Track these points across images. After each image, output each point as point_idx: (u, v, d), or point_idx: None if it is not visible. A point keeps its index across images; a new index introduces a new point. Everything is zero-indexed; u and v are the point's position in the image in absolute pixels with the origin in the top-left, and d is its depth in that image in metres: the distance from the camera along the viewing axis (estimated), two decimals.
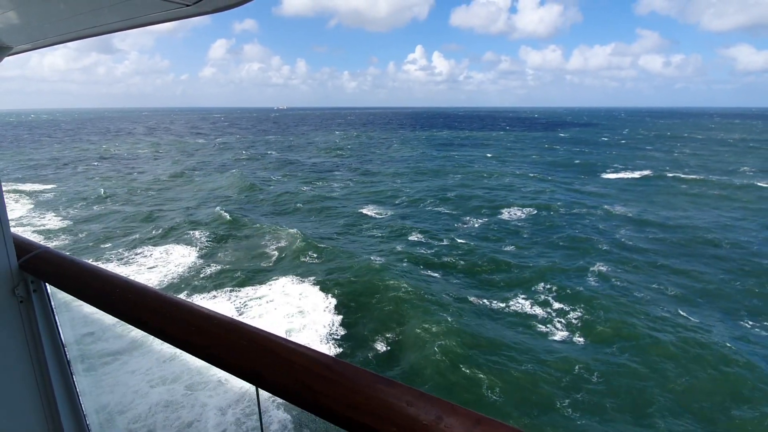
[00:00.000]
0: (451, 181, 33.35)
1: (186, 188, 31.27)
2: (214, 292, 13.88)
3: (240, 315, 12.52)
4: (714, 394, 9.07)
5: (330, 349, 10.70)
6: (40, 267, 1.46)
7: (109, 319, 1.28)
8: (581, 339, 11.22)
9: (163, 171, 38.46)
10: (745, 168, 39.43)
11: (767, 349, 10.78)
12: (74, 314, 1.68)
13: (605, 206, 24.90)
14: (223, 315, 1.08)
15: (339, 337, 11.29)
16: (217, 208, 23.81)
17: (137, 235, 19.67)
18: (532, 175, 36.25)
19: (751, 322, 12.03)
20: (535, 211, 23.66)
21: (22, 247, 1.51)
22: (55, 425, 1.59)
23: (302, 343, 0.93)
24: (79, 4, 1.01)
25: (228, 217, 21.84)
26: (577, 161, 45.00)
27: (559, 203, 25.28)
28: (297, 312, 12.59)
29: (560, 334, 11.47)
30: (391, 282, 14.09)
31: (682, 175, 34.56)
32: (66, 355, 1.59)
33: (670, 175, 35.09)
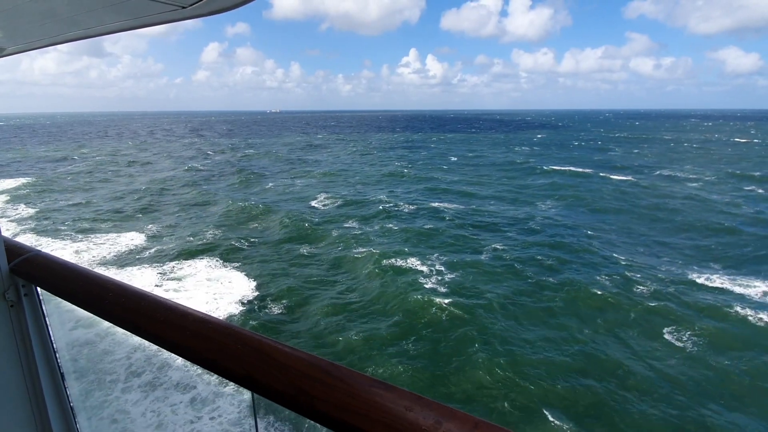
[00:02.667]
0: (392, 180, 36.43)
1: (142, 179, 33.93)
2: (148, 265, 16.96)
3: (157, 286, 15.37)
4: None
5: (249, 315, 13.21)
6: (32, 270, 1.43)
7: (102, 323, 1.27)
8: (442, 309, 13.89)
9: (130, 167, 41.66)
10: (688, 167, 42.53)
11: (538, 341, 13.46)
12: (66, 319, 1.64)
13: (522, 206, 27.67)
14: (218, 319, 1.07)
15: (254, 302, 14.09)
16: (169, 197, 27.05)
17: (89, 221, 22.80)
18: (473, 176, 39.30)
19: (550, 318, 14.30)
20: (453, 209, 26.45)
21: (13, 250, 1.49)
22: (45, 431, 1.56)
23: (299, 346, 0.94)
24: (73, 5, 1.00)
25: (172, 202, 24.95)
26: (531, 160, 47.91)
27: (489, 203, 28.11)
28: (218, 282, 15.53)
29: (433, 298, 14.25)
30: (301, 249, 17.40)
31: (612, 176, 37.42)
32: (57, 361, 1.56)
33: (603, 175, 37.93)
